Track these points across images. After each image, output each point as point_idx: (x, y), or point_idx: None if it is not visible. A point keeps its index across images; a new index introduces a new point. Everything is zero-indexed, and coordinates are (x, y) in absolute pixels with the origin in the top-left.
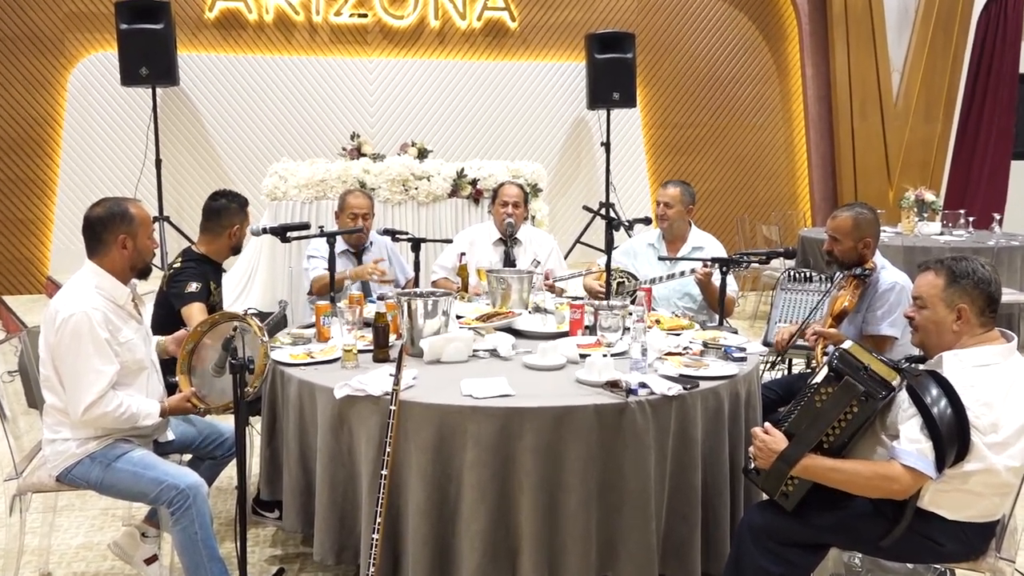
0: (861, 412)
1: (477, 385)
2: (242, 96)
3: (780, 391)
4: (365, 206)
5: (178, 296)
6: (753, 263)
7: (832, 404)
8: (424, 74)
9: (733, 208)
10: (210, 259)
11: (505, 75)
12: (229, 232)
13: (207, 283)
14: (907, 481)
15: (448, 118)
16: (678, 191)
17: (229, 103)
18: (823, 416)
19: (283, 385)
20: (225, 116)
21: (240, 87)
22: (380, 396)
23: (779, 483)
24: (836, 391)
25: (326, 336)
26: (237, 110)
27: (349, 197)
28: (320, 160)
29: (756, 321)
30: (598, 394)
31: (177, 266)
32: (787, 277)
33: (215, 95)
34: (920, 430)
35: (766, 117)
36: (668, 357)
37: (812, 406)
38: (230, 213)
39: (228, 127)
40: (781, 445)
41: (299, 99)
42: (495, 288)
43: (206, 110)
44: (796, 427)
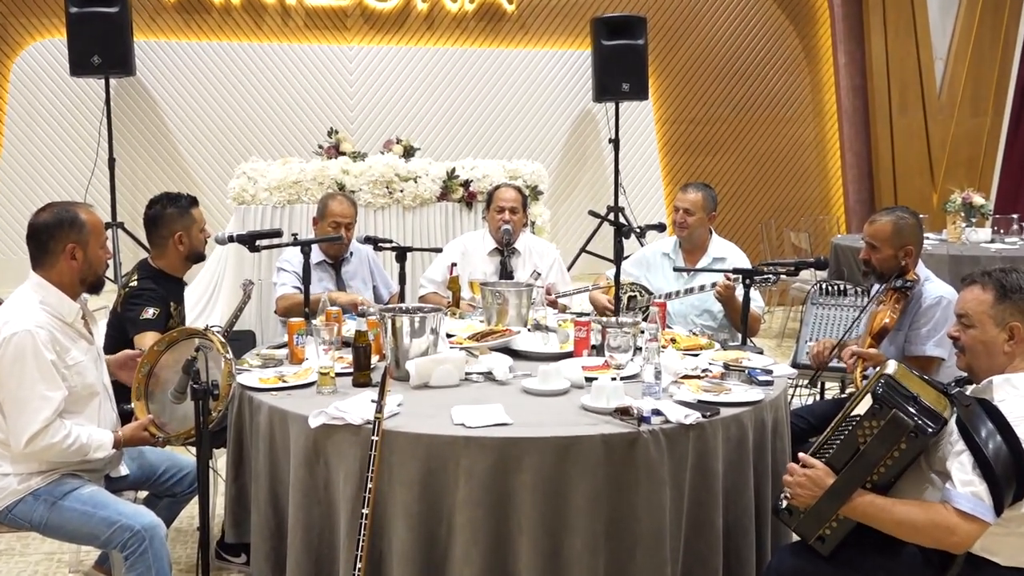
0: (910, 449)
1: (470, 413)
2: (206, 88)
3: (811, 419)
4: (349, 215)
5: (132, 323)
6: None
7: (879, 441)
8: (410, 63)
9: (757, 213)
10: (168, 274)
11: (501, 64)
12: (174, 241)
13: (166, 307)
14: (966, 531)
15: (437, 112)
16: (700, 196)
17: (192, 96)
18: (868, 453)
19: (252, 413)
20: (187, 110)
21: (204, 78)
22: (361, 425)
23: (819, 525)
24: (883, 426)
25: (300, 357)
26: (200, 103)
27: (332, 203)
28: (294, 159)
29: (784, 340)
30: (606, 423)
31: (134, 284)
32: (818, 290)
33: (176, 86)
34: (973, 470)
35: (794, 111)
36: (685, 381)
37: (854, 441)
38: (168, 219)
39: (190, 122)
40: (827, 480)
41: (270, 91)
42: (490, 303)
43: (166, 103)
44: (837, 462)
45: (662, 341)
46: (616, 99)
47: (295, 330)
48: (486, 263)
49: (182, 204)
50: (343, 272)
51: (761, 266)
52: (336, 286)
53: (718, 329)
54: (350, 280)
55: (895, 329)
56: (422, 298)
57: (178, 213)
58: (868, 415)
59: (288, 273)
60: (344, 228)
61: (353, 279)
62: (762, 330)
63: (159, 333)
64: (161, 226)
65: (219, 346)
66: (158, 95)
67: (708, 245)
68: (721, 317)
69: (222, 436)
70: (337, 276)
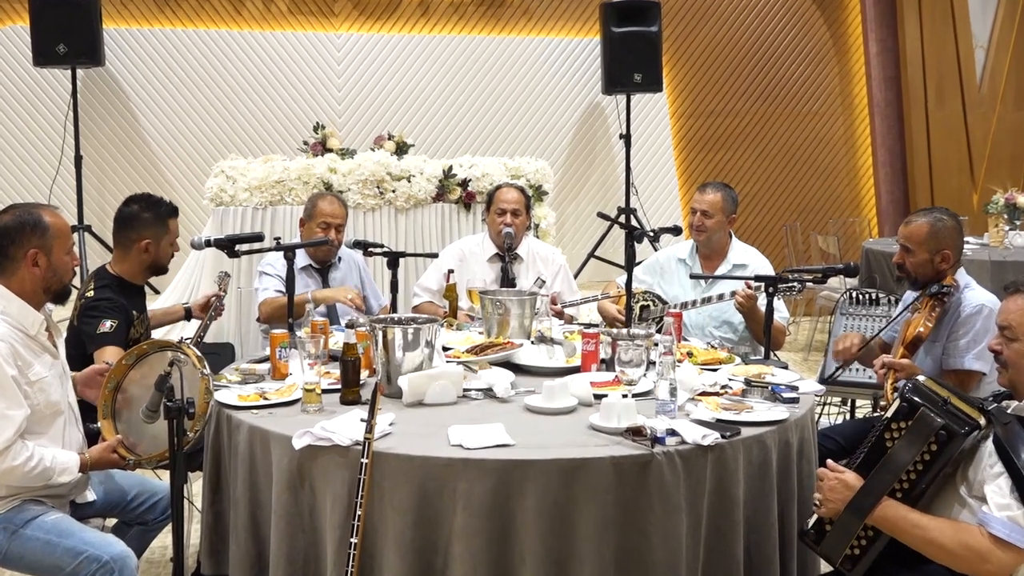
0: (941, 453)
1: (468, 433)
2: (181, 80)
3: (841, 439)
4: (340, 215)
5: (90, 337)
6: (807, 282)
7: (906, 443)
8: (403, 52)
9: (781, 215)
10: (127, 282)
11: (502, 53)
12: (139, 247)
13: (126, 318)
14: (1000, 560)
15: (433, 106)
16: (719, 196)
17: (166, 88)
18: (895, 458)
19: (230, 433)
20: (161, 104)
21: (179, 68)
22: (349, 446)
23: (845, 542)
24: (911, 427)
25: (283, 372)
26: (175, 96)
27: (321, 202)
28: (276, 157)
29: (811, 354)
30: (617, 443)
31: (90, 295)
32: (848, 300)
33: (149, 78)
34: (1011, 493)
35: (821, 104)
36: (703, 398)
37: (882, 445)
38: (139, 224)
39: (164, 117)
40: (855, 484)
41: (251, 83)
42: (490, 314)
43: (137, 96)
44: (863, 470)
45: (677, 355)
46: (627, 91)
47: (278, 342)
48: (486, 270)
49: (160, 211)
50: (330, 278)
51: (785, 273)
52: None
53: (739, 342)
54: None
55: (931, 340)
56: (416, 308)
57: (153, 219)
58: (896, 415)
59: (271, 277)
60: (334, 230)
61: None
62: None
63: (119, 347)
64: (130, 228)
65: (195, 360)
66: (129, 87)
67: (727, 250)
68: (742, 329)
69: (198, 458)
70: (324, 282)
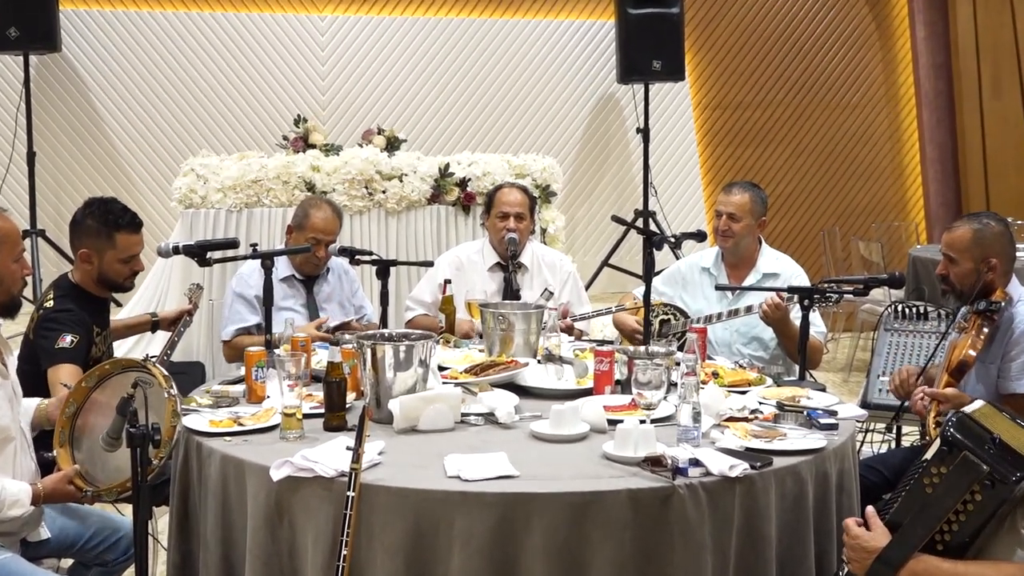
0: (987, 500)
1: (467, 463)
2: (147, 67)
3: (885, 471)
4: (333, 231)
5: (46, 352)
6: (847, 294)
7: (947, 489)
8: (395, 36)
9: (818, 219)
10: (89, 293)
11: (505, 38)
12: (79, 256)
13: (87, 333)
14: None
15: (428, 97)
16: (747, 198)
17: (129, 77)
18: (935, 505)
19: (200, 463)
20: (124, 94)
21: (144, 55)
22: (334, 478)
23: None
24: (951, 471)
25: (260, 395)
26: (140, 86)
27: (315, 214)
28: (253, 154)
29: (851, 374)
30: (634, 475)
31: (48, 305)
32: (893, 313)
33: (110, 65)
34: None
35: (863, 94)
36: (730, 424)
37: (920, 490)
38: (80, 231)
39: (128, 109)
40: (880, 541)
41: (224, 72)
42: (492, 329)
43: (98, 86)
44: (900, 517)
45: (702, 375)
46: (645, 80)
47: (254, 361)
48: (486, 280)
49: (108, 221)
50: (316, 292)
51: (823, 284)
52: (307, 309)
53: (770, 360)
54: (324, 303)
55: (982, 361)
56: (409, 323)
57: (96, 229)
58: (936, 459)
59: (244, 303)
60: (324, 246)
61: (328, 302)
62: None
63: (77, 366)
64: (74, 234)
65: (161, 381)
66: (89, 76)
67: (757, 258)
68: (773, 345)
69: (164, 491)
70: (308, 296)
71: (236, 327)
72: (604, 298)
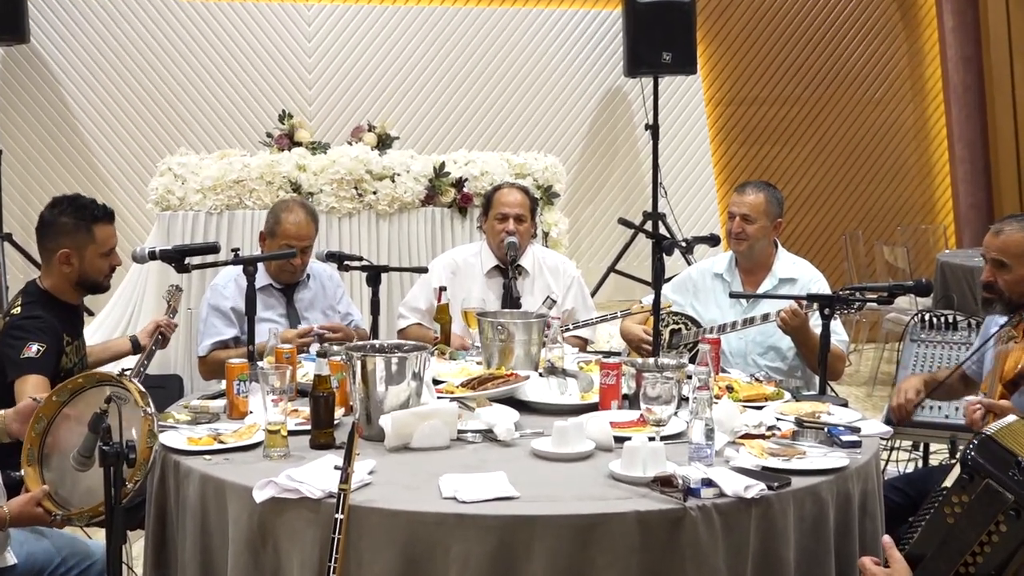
0: (1013, 531)
1: (464, 483)
2: (121, 60)
3: (912, 492)
4: (308, 236)
5: (12, 362)
6: (870, 302)
7: (969, 520)
8: (387, 26)
9: (839, 221)
10: (59, 299)
11: (504, 28)
12: (58, 259)
13: (57, 341)
14: None
15: (422, 91)
16: (761, 198)
17: (103, 69)
18: (957, 537)
19: (178, 483)
20: (97, 88)
21: (118, 46)
22: (321, 499)
23: None
24: (974, 501)
25: (242, 411)
26: (114, 79)
27: (287, 217)
28: (234, 152)
29: (875, 388)
30: (642, 496)
31: (16, 312)
32: (920, 323)
33: (82, 57)
34: None
35: (887, 89)
36: (745, 442)
37: (942, 520)
38: (56, 230)
39: (101, 104)
40: None
41: (204, 64)
42: (490, 340)
43: (69, 79)
44: (922, 549)
45: (715, 389)
46: (655, 73)
47: (235, 374)
48: (484, 286)
49: (84, 215)
50: (296, 300)
51: (844, 291)
52: (287, 319)
53: (788, 373)
54: (305, 311)
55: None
56: (401, 333)
57: (73, 225)
58: (956, 486)
59: (219, 316)
60: (300, 252)
61: (310, 310)
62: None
63: (45, 377)
64: (47, 236)
65: (137, 398)
66: (59, 68)
67: (773, 263)
68: (792, 356)
69: (139, 514)
70: (288, 305)
71: (212, 341)
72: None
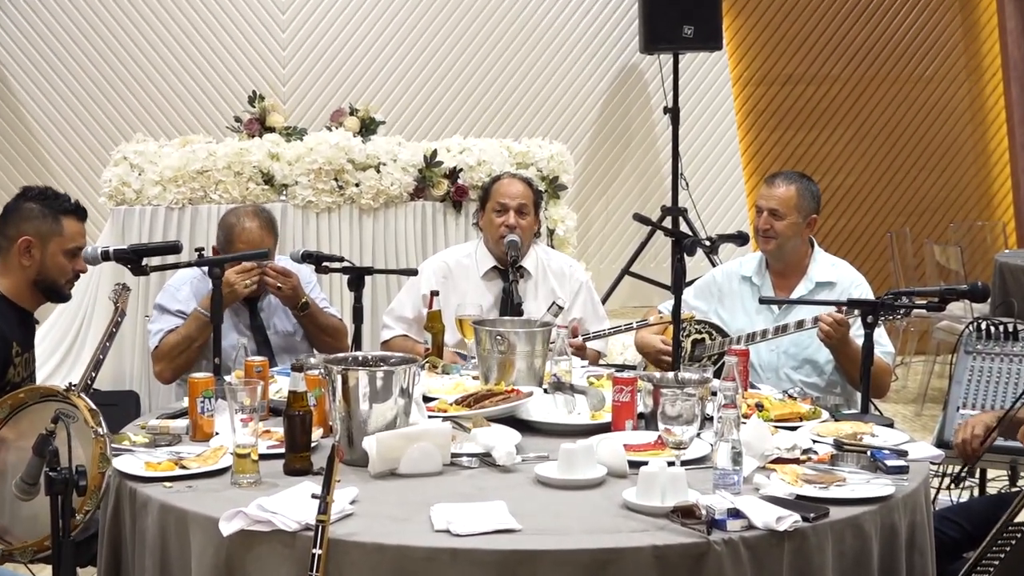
0: None
1: (459, 514)
2: (73, 37)
3: (967, 524)
4: (265, 242)
5: None
6: (919, 308)
7: None
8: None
9: (884, 217)
10: (13, 303)
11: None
12: (18, 248)
13: (4, 350)
14: None
15: (411, 70)
16: (792, 190)
17: (51, 49)
18: None
19: (134, 514)
20: (44, 69)
21: (69, 23)
22: (296, 532)
23: None
24: None
25: (207, 432)
26: (64, 58)
27: (240, 232)
28: (198, 138)
29: (925, 406)
30: (660, 528)
31: None
32: (975, 332)
33: (29, 36)
34: None
35: (938, 66)
36: (777, 467)
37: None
38: (20, 216)
39: (47, 86)
40: None
41: (164, 39)
42: (489, 351)
43: (14, 61)
44: None
45: (743, 407)
46: (675, 49)
47: (199, 390)
48: (481, 291)
49: (54, 204)
50: (260, 307)
51: (889, 296)
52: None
53: (826, 389)
54: (271, 319)
55: None
56: (386, 344)
57: (39, 211)
58: None
59: (168, 315)
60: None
61: (275, 316)
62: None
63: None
64: (8, 222)
65: (87, 416)
66: (3, 49)
67: (808, 264)
68: (830, 370)
69: (91, 548)
70: (251, 315)
71: (164, 329)
72: (625, 314)
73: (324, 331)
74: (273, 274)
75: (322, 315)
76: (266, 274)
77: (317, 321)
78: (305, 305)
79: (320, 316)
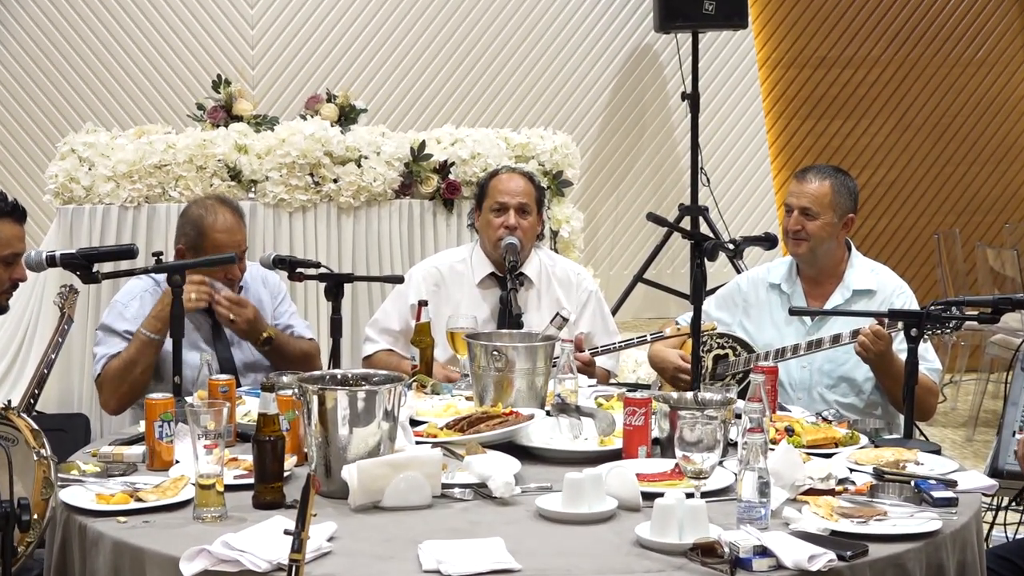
0: None
1: (451, 552)
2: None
3: (1022, 562)
4: (242, 239)
5: None
6: (969, 320)
7: None
8: None
9: (930, 218)
10: None
11: None
12: None
13: None
14: None
15: (396, 51)
16: (826, 186)
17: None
18: None
19: (84, 551)
20: None
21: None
22: (267, 572)
23: None
24: None
25: (166, 460)
26: (5, 39)
27: (212, 223)
28: (156, 128)
29: (977, 430)
30: (678, 569)
31: None
32: None
33: None
34: None
35: (990, 49)
36: (810, 499)
37: None
38: None
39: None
40: None
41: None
42: (484, 368)
43: None
44: None
45: (771, 432)
46: (694, 27)
47: (157, 413)
48: (476, 301)
49: None
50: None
51: (936, 306)
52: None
53: (865, 411)
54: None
55: None
56: (368, 360)
57: None
58: None
59: (114, 337)
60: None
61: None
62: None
63: None
64: None
65: (28, 437)
66: None
67: (845, 270)
68: (869, 389)
69: None
70: (214, 326)
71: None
72: (638, 326)
73: (292, 361)
74: (226, 304)
75: (289, 344)
76: (218, 303)
77: (283, 352)
78: (268, 340)
79: (287, 347)
